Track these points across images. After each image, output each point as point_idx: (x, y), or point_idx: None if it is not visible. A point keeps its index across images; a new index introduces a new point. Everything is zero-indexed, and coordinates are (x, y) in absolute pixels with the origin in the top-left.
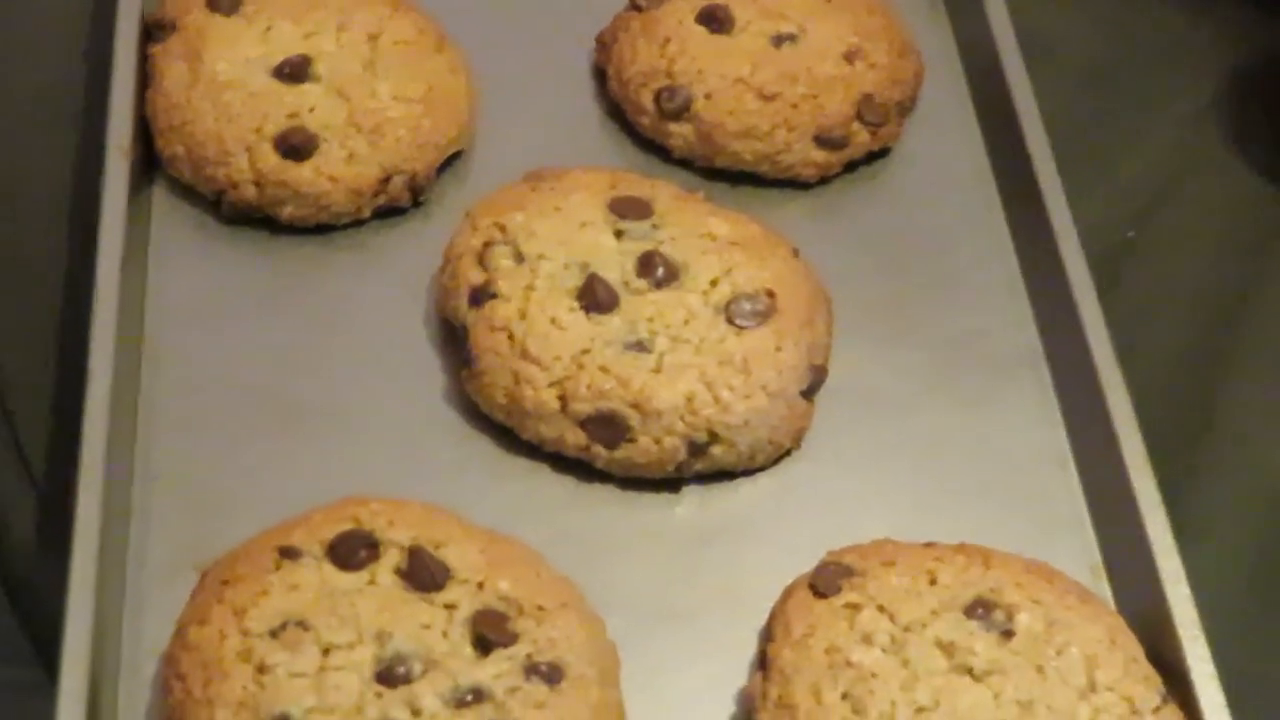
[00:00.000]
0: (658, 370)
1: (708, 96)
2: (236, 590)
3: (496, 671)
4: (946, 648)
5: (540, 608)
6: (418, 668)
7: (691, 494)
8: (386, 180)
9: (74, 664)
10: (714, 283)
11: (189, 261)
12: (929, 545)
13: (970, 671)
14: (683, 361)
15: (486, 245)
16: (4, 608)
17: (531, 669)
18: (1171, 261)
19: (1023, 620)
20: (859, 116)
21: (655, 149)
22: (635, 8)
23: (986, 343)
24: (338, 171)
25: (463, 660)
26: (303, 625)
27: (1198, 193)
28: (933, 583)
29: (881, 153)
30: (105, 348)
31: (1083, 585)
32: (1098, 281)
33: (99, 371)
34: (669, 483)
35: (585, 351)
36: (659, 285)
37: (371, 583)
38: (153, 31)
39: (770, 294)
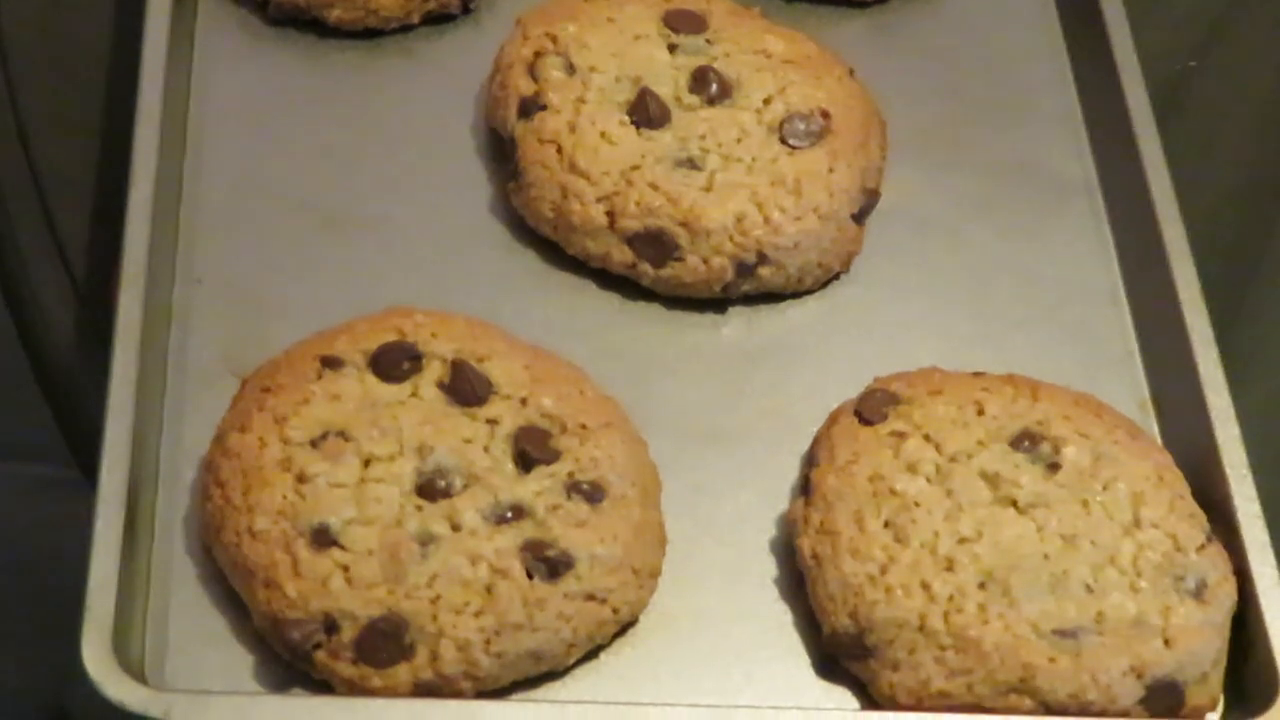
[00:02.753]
0: (708, 189)
1: None
2: (278, 398)
3: (538, 488)
4: (991, 479)
5: (583, 426)
6: (458, 482)
7: (738, 315)
8: None
9: (114, 466)
10: (768, 101)
11: (234, 63)
12: (977, 375)
13: (1014, 504)
14: (733, 180)
15: (537, 55)
16: (41, 405)
17: (573, 487)
18: (1231, 94)
19: (1069, 454)
20: None
21: None
22: None
23: (1041, 171)
24: None
25: (504, 476)
26: (344, 436)
27: (1259, 22)
28: (980, 413)
29: None
30: (149, 147)
31: (1131, 421)
32: (1156, 112)
33: (142, 171)
34: (715, 303)
35: (635, 167)
36: (712, 102)
37: (414, 395)
38: None
39: (825, 114)
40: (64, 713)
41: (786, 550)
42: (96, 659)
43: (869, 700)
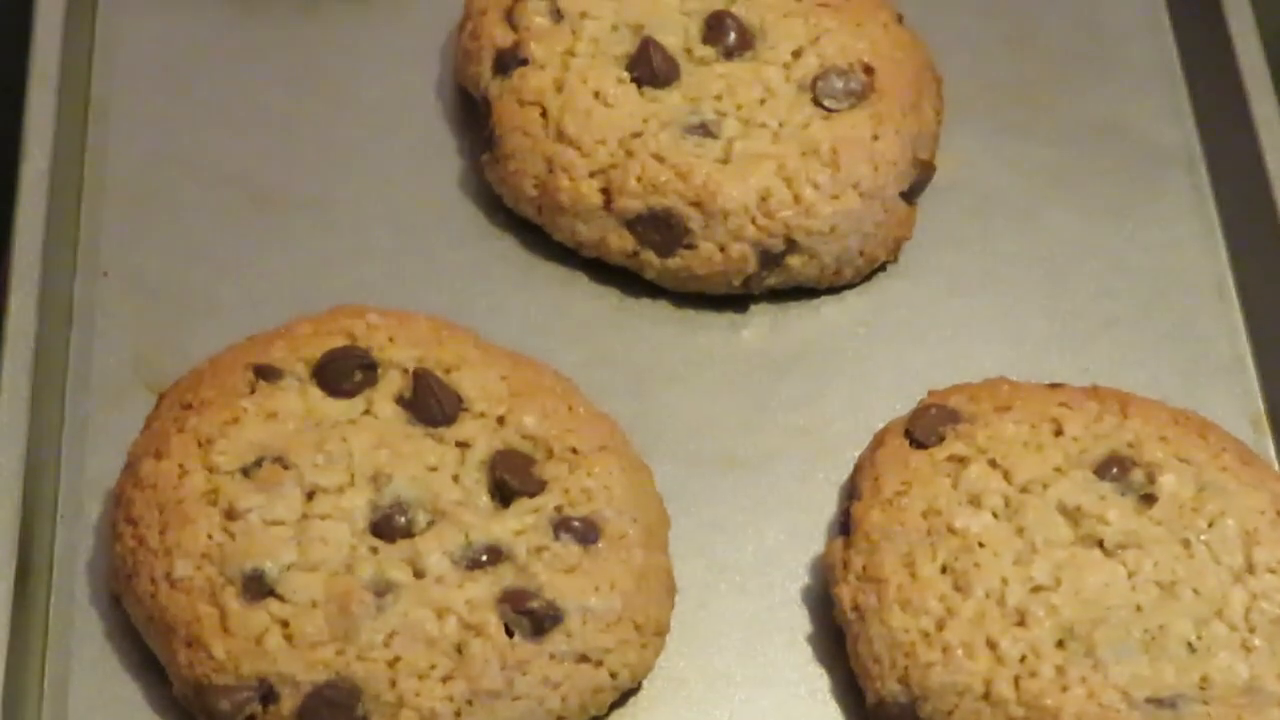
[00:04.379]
0: (725, 160)
1: None
2: (201, 416)
3: (518, 526)
4: (1072, 514)
5: (573, 450)
6: (422, 518)
7: (762, 314)
8: None
9: (2, 501)
10: (797, 53)
11: (148, 11)
12: (1053, 387)
13: (1100, 544)
14: (757, 150)
15: None
16: None
17: (561, 524)
18: None
19: (1167, 483)
20: None
21: None
22: None
23: (1131, 138)
24: None
25: (477, 511)
26: (282, 462)
27: None
28: (1057, 433)
29: None
30: (44, 112)
31: (1242, 442)
32: (1272, 66)
33: (35, 141)
34: (735, 300)
35: (636, 135)
36: (729, 54)
37: (367, 412)
38: None
39: (867, 69)
40: None
41: (822, 601)
42: None
43: None
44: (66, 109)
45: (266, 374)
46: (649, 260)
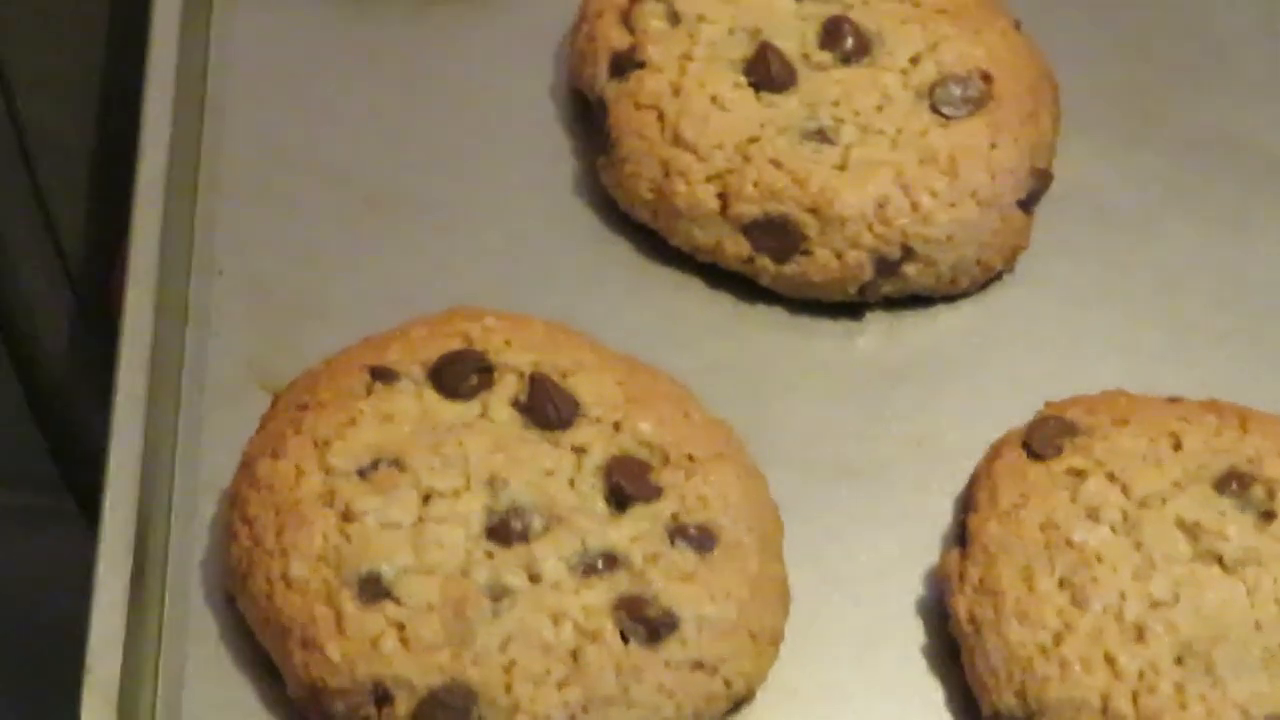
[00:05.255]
0: (843, 167)
1: None
2: (318, 417)
3: (634, 533)
4: (1190, 529)
5: (690, 457)
6: (538, 523)
7: (877, 322)
8: None
9: (118, 499)
10: (915, 60)
11: (264, 12)
12: (1172, 400)
13: (1220, 560)
14: (874, 157)
15: (634, 2)
16: (29, 422)
17: (677, 531)
18: None
19: None
20: None
21: None
22: None
23: (1247, 147)
24: None
25: (593, 517)
26: (398, 464)
27: None
28: (1176, 448)
29: None
30: (161, 112)
31: None
32: None
33: (153, 141)
34: (850, 307)
35: (753, 140)
36: (847, 60)
37: (483, 416)
38: None
39: (985, 76)
40: None
41: (937, 613)
42: None
43: None
44: (182, 109)
45: (383, 376)
46: (764, 266)
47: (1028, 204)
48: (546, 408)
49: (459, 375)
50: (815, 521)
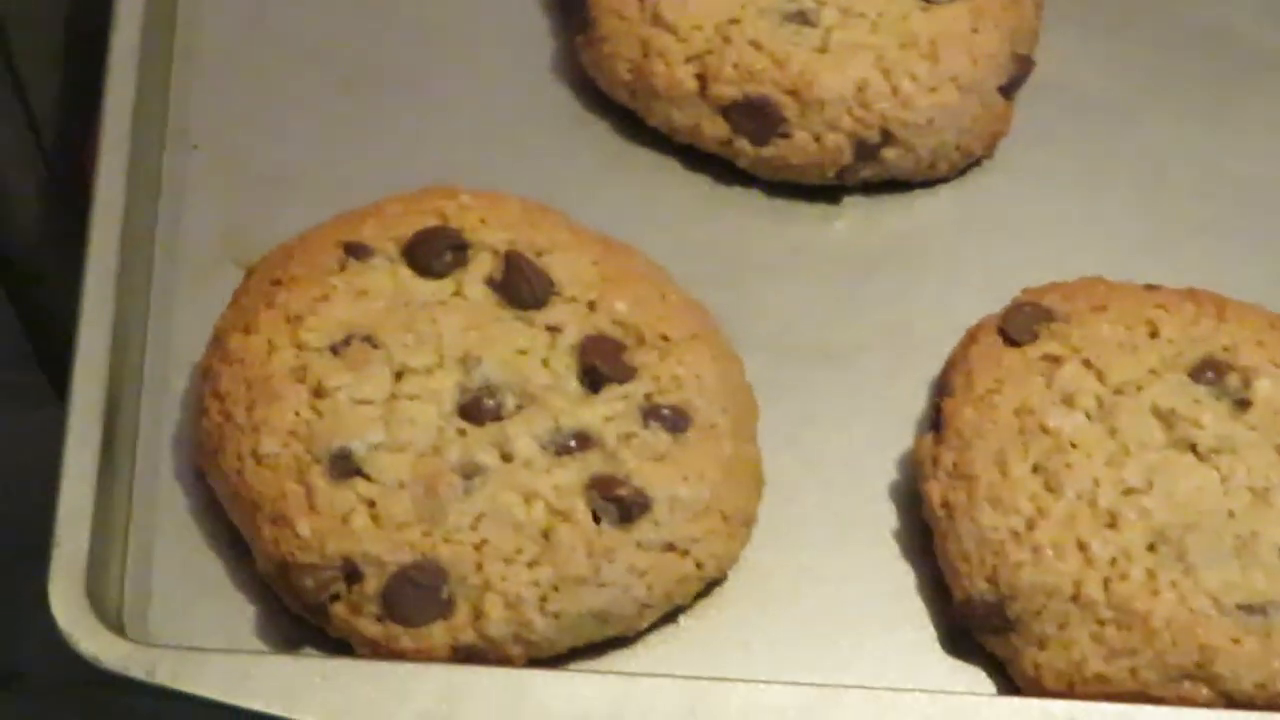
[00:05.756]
0: (823, 49)
1: None
2: (291, 293)
3: (608, 413)
4: (1165, 417)
5: (664, 337)
6: (511, 401)
7: (855, 206)
8: None
9: (89, 373)
10: None
11: None
12: (1150, 288)
13: (1193, 448)
14: (855, 40)
15: None
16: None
17: (651, 412)
18: None
19: (1262, 388)
20: None
21: None
22: None
23: (1232, 41)
24: None
25: (566, 396)
26: (371, 341)
27: None
28: (1153, 335)
29: None
30: None
31: None
32: None
33: (126, 9)
34: (828, 191)
35: (734, 21)
36: None
37: (457, 294)
38: None
39: None
40: (13, 673)
41: (910, 497)
42: (66, 605)
43: (1007, 683)
44: None
45: (357, 252)
46: (743, 148)
47: (1008, 90)
48: (521, 286)
49: (433, 252)
50: (790, 405)
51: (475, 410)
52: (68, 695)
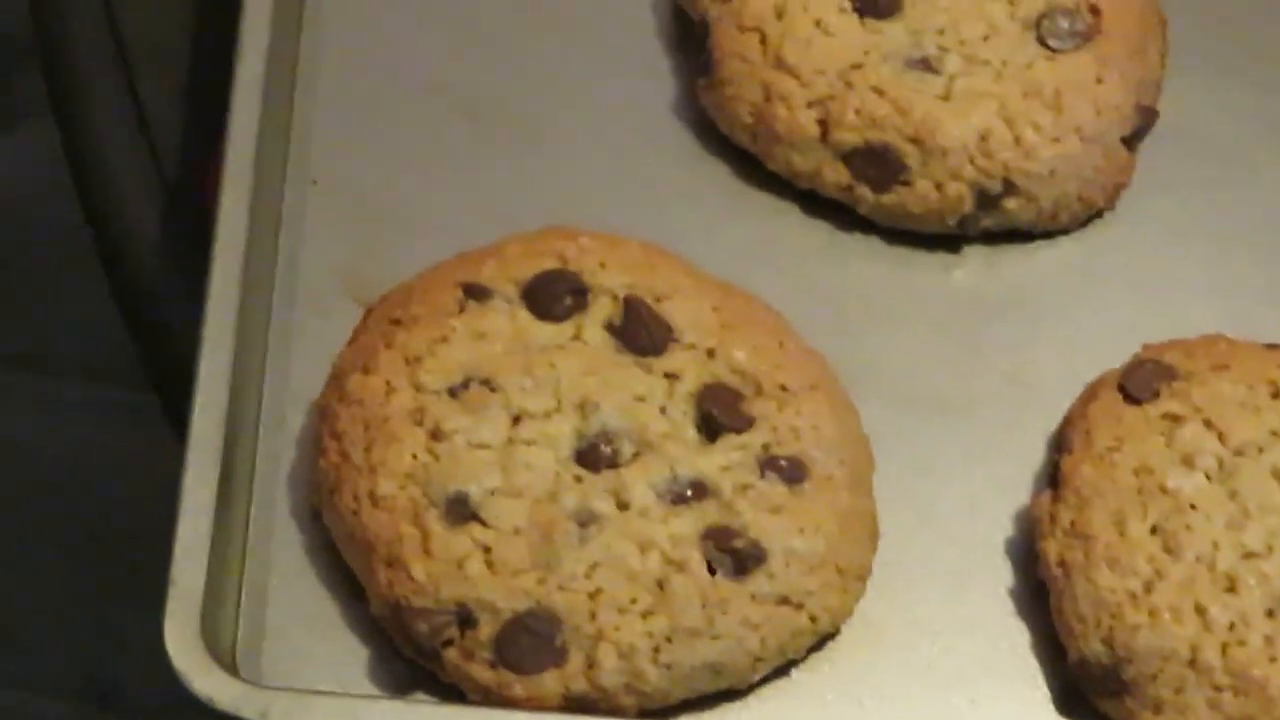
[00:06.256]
0: (946, 97)
1: None
2: (410, 333)
3: (725, 463)
4: None
5: (783, 387)
6: (628, 449)
7: (975, 256)
8: None
9: (208, 407)
10: None
11: None
12: (1272, 347)
13: None
14: (978, 88)
15: None
16: (117, 320)
17: (768, 463)
18: None
19: None
20: None
21: None
22: None
23: None
24: None
25: (684, 445)
26: (489, 384)
27: None
28: (1275, 396)
29: None
30: (260, 13)
31: None
32: None
33: (251, 44)
34: (948, 240)
35: (856, 66)
36: None
37: (576, 338)
38: None
39: (1093, 9)
40: (113, 690)
41: (1026, 554)
42: (181, 643)
43: None
44: (281, 14)
45: (476, 293)
46: (863, 195)
47: (1132, 141)
48: (640, 332)
49: (553, 295)
50: (907, 456)
51: (592, 457)
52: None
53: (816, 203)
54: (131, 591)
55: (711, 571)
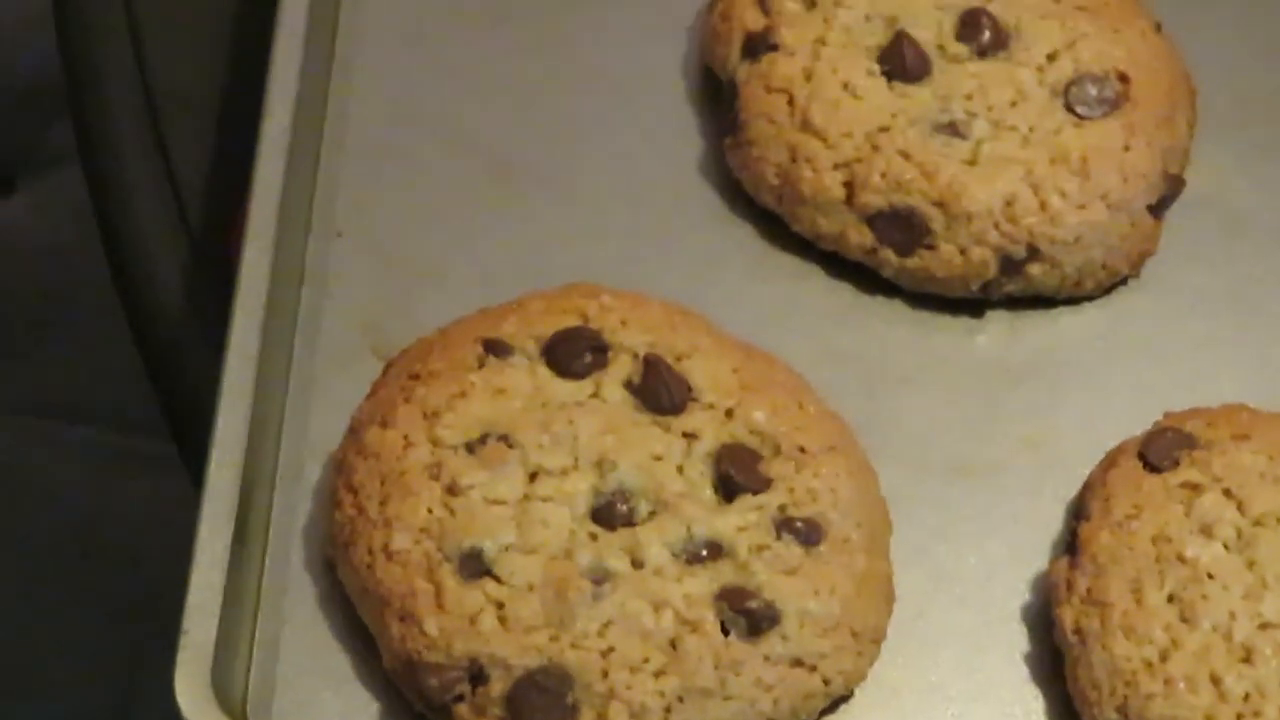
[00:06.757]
0: (972, 162)
1: None
2: (429, 388)
3: (741, 523)
4: None
5: (801, 449)
6: (644, 507)
7: (998, 321)
8: None
9: (226, 459)
10: (1052, 57)
11: None
12: None
13: None
14: (1005, 154)
15: None
16: (136, 367)
17: (784, 524)
18: None
19: None
20: None
21: None
22: None
23: None
24: None
25: (700, 504)
26: (507, 440)
27: None
28: None
29: None
30: (289, 66)
31: None
32: None
33: (279, 96)
34: (971, 304)
35: (884, 129)
36: (983, 53)
37: (595, 395)
38: None
39: (1122, 77)
40: None
41: (1043, 620)
42: (191, 696)
43: None
44: (310, 66)
45: (496, 349)
46: (887, 258)
47: (1158, 209)
48: (659, 391)
49: (573, 353)
50: (924, 520)
51: (608, 515)
52: None
53: (841, 265)
54: (157, 640)
55: (725, 632)
